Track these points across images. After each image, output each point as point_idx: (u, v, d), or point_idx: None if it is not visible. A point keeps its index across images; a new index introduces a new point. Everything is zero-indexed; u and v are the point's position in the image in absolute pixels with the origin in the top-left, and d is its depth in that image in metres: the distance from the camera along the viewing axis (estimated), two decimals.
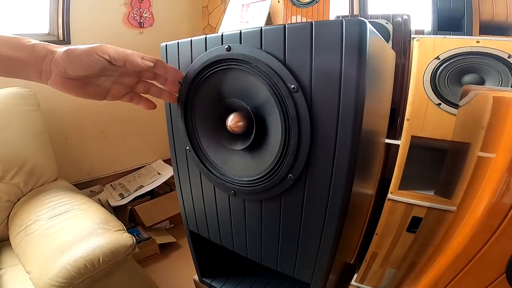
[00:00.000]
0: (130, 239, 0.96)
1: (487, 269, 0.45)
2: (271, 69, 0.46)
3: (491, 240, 0.43)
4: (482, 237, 0.43)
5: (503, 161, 0.40)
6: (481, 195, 0.43)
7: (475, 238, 0.44)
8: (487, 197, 0.41)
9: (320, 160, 0.46)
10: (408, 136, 1.01)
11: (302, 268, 0.59)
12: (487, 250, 0.44)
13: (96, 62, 0.45)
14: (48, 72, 0.46)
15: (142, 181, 1.81)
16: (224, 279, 0.90)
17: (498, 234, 0.42)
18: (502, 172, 0.40)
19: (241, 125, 0.51)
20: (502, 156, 0.40)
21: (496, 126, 0.45)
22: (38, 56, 0.45)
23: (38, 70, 0.45)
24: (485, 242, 0.44)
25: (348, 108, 0.42)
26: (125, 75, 0.52)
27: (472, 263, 0.47)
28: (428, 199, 1.03)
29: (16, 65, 0.44)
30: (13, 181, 1.21)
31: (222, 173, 0.59)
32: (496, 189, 0.40)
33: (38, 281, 0.87)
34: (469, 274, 0.48)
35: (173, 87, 0.56)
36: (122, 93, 0.53)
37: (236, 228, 0.65)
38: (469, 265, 0.47)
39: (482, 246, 0.44)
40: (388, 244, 1.21)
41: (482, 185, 0.43)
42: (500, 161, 0.40)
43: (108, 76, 0.51)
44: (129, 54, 0.47)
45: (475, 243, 0.44)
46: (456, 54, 0.95)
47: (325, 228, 0.50)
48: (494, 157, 0.42)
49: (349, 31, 0.40)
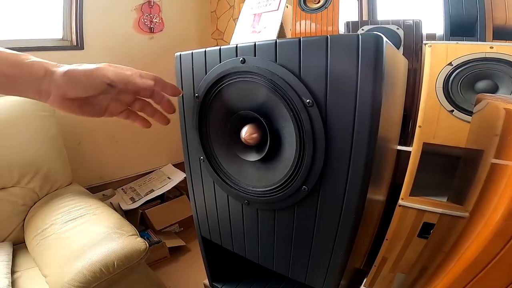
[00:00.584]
0: (143, 244, 0.98)
1: (501, 276, 0.45)
2: (286, 83, 0.46)
3: (506, 247, 0.43)
4: (497, 244, 0.43)
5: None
6: (498, 202, 0.42)
7: (490, 245, 0.44)
8: (504, 205, 0.41)
9: (334, 173, 0.46)
10: (420, 142, 1.00)
11: (313, 275, 0.59)
12: (501, 257, 0.44)
13: (96, 85, 0.45)
14: (47, 92, 0.45)
15: (153, 185, 1.82)
16: (234, 284, 0.91)
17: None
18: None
19: (255, 137, 0.52)
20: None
21: (510, 135, 0.45)
22: (36, 76, 0.43)
23: (37, 89, 0.44)
24: (500, 249, 0.43)
25: (363, 124, 0.42)
26: (123, 92, 0.52)
27: (486, 269, 0.46)
28: (440, 205, 1.02)
29: (14, 82, 0.43)
30: (29, 186, 1.24)
31: (236, 183, 0.60)
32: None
33: (54, 284, 0.89)
34: (482, 280, 0.48)
35: (168, 108, 0.55)
36: (119, 110, 0.53)
37: (248, 235, 0.66)
38: (483, 271, 0.47)
39: (497, 253, 0.44)
40: (398, 250, 1.20)
41: (499, 193, 0.43)
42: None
43: (106, 94, 0.50)
44: (129, 76, 0.47)
45: (490, 250, 0.44)
46: (469, 60, 0.94)
47: (338, 238, 0.50)
48: (511, 165, 0.42)
49: (365, 46, 0.40)
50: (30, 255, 1.10)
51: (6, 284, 0.89)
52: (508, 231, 0.42)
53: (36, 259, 1.05)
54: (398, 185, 1.10)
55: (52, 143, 1.31)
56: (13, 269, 1.01)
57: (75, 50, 1.54)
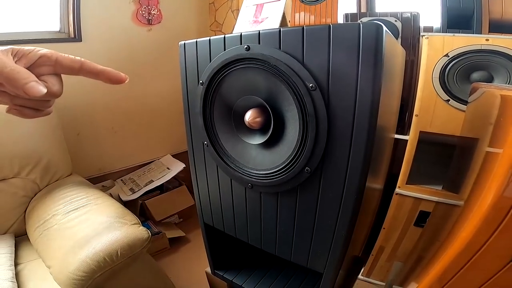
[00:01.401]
0: (146, 232, 0.99)
1: (494, 259, 0.47)
2: (290, 68, 0.48)
3: (497, 232, 0.45)
4: (488, 229, 0.45)
5: (510, 156, 0.41)
6: (487, 190, 0.44)
7: (482, 229, 0.46)
8: (492, 193, 0.43)
9: (336, 154, 0.48)
10: (417, 131, 1.03)
11: (315, 258, 0.61)
12: (493, 241, 0.46)
13: None
14: None
15: (152, 176, 1.83)
16: (235, 272, 0.93)
17: (504, 226, 0.44)
18: (509, 167, 0.41)
19: (259, 121, 0.53)
20: (509, 151, 0.42)
21: (504, 122, 0.47)
22: None
23: None
24: (492, 233, 0.45)
25: (364, 107, 0.44)
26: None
27: (479, 253, 0.48)
28: (436, 194, 1.05)
29: None
30: (30, 177, 1.24)
31: (239, 166, 0.61)
32: (502, 183, 0.42)
33: (59, 275, 0.89)
34: (476, 264, 0.50)
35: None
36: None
37: (251, 220, 0.68)
38: (476, 255, 0.49)
39: (488, 237, 0.46)
40: (395, 238, 1.23)
41: (489, 179, 0.44)
42: (507, 155, 0.42)
43: None
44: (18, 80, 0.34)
45: (482, 234, 0.46)
46: (465, 51, 0.96)
47: (340, 219, 0.52)
48: (501, 152, 0.44)
49: (366, 34, 0.42)
50: (33, 247, 1.10)
51: (10, 276, 0.89)
52: (496, 219, 0.44)
53: (39, 250, 1.06)
54: (395, 175, 1.13)
55: (52, 134, 1.31)
56: (16, 261, 1.02)
57: (73, 42, 1.54)
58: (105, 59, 1.62)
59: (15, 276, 0.91)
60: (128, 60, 1.73)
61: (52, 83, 0.35)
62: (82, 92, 1.58)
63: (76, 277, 0.85)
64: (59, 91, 0.37)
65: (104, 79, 0.38)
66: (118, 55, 1.68)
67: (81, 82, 1.53)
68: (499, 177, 0.42)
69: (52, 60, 0.35)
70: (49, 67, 0.35)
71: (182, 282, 1.41)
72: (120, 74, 0.39)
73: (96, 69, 0.37)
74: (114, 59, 1.67)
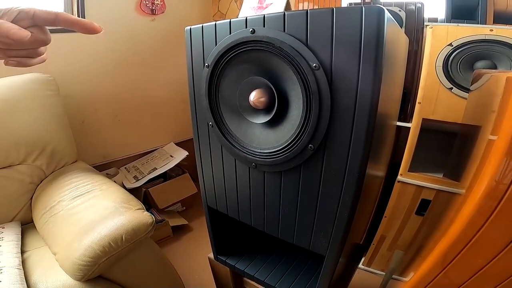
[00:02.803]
0: (150, 217, 0.99)
1: (484, 252, 0.48)
2: (294, 49, 0.50)
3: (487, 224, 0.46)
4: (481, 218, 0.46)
5: (504, 143, 0.42)
6: (481, 179, 0.45)
7: (472, 222, 0.47)
8: (485, 182, 0.44)
9: (339, 131, 0.50)
10: (419, 118, 1.04)
11: (317, 240, 0.63)
12: (486, 230, 0.46)
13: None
14: None
15: (155, 163, 1.84)
16: (238, 257, 0.94)
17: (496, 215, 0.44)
18: (502, 154, 0.42)
19: (263, 101, 0.55)
20: (503, 138, 0.42)
21: (503, 107, 0.47)
22: None
23: None
24: (481, 226, 0.46)
25: (366, 84, 0.45)
26: None
27: (469, 246, 0.49)
28: (437, 182, 1.06)
29: None
30: (36, 163, 1.26)
31: (243, 146, 0.63)
32: (496, 170, 0.42)
33: (65, 261, 0.90)
34: (466, 256, 0.51)
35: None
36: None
37: (254, 202, 0.69)
38: (465, 248, 0.50)
39: (477, 230, 0.47)
40: (397, 227, 1.24)
41: (485, 167, 0.45)
42: (502, 142, 0.42)
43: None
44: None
45: (472, 227, 0.47)
46: (469, 41, 0.97)
47: (342, 198, 0.54)
48: (496, 140, 0.44)
49: (368, 17, 0.43)
50: (39, 235, 1.11)
51: (17, 263, 0.90)
52: (488, 208, 0.45)
53: (45, 237, 1.06)
54: (398, 165, 1.13)
55: (58, 121, 1.32)
56: (22, 249, 1.02)
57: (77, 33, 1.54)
58: (109, 49, 1.63)
59: (21, 263, 0.92)
60: (132, 50, 1.74)
61: (37, 33, 0.40)
62: (86, 81, 1.59)
63: (82, 263, 0.85)
64: (46, 39, 0.42)
65: (79, 28, 0.41)
66: (122, 45, 1.69)
67: (86, 71, 1.55)
68: (493, 164, 0.43)
69: (30, 14, 0.39)
70: (28, 20, 0.40)
71: (185, 269, 1.42)
72: (94, 24, 0.42)
73: (71, 19, 0.41)
74: (118, 49, 1.68)
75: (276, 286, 0.83)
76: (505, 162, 0.41)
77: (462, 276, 0.53)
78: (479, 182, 0.46)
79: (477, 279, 0.52)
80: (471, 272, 0.52)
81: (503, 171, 0.42)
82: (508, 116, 0.42)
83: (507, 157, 0.41)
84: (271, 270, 0.89)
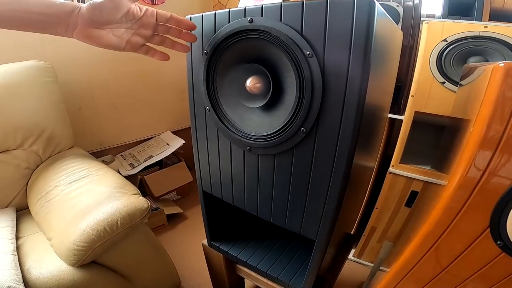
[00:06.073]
0: (145, 202, 1.01)
1: (472, 224, 0.50)
2: (289, 38, 0.52)
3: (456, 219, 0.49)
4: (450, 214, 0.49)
5: (478, 135, 0.44)
6: (455, 171, 0.48)
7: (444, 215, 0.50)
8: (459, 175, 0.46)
9: (330, 115, 0.53)
10: (412, 111, 1.06)
11: (308, 225, 0.65)
12: (454, 227, 0.50)
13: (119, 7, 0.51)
14: (74, 24, 0.51)
15: (152, 151, 1.86)
16: (231, 244, 0.97)
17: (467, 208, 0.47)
18: (477, 144, 0.44)
19: (259, 87, 0.58)
20: (477, 129, 0.44)
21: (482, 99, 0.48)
22: (66, 11, 0.50)
23: (66, 23, 0.50)
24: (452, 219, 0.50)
25: (356, 71, 0.48)
26: (143, 27, 0.57)
27: (441, 239, 0.52)
28: (425, 173, 1.09)
29: (45, 20, 0.49)
30: (32, 148, 1.27)
31: (239, 129, 0.65)
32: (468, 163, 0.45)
33: (59, 246, 0.91)
34: (438, 249, 0.54)
35: (188, 37, 0.61)
36: (140, 44, 0.59)
37: (248, 185, 0.72)
38: (438, 241, 0.53)
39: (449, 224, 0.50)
40: (387, 219, 1.27)
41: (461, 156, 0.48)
42: (475, 134, 0.45)
43: (128, 29, 0.56)
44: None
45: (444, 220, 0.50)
46: (463, 37, 0.99)
47: (332, 182, 0.57)
48: (471, 131, 0.46)
49: (359, 9, 0.46)
50: (34, 221, 1.12)
51: (12, 249, 0.90)
52: (459, 201, 0.48)
53: (40, 222, 1.07)
54: (391, 157, 1.16)
55: (55, 108, 1.33)
56: (17, 235, 1.02)
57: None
58: None
59: (16, 249, 0.92)
60: None
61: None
62: (84, 68, 1.59)
63: (77, 248, 0.86)
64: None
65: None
66: None
67: (84, 59, 1.55)
68: (467, 155, 0.46)
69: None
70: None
71: (179, 258, 1.45)
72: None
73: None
74: None
75: (267, 272, 0.85)
76: (479, 153, 0.44)
77: (442, 263, 0.55)
78: (454, 172, 0.48)
79: (457, 265, 0.54)
80: (451, 258, 0.54)
81: (477, 161, 0.44)
82: (482, 108, 0.44)
83: (481, 148, 0.43)
84: (263, 257, 0.91)
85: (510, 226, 0.46)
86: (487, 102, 0.42)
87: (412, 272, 0.59)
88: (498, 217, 0.46)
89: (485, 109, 0.43)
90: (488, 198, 0.46)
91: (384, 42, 0.58)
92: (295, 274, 0.84)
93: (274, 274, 0.84)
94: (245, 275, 0.97)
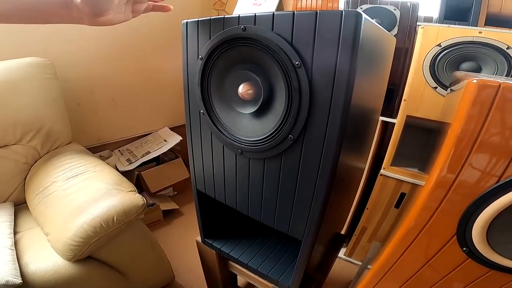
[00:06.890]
0: (141, 199, 1.02)
1: (442, 229, 0.52)
2: (279, 48, 0.54)
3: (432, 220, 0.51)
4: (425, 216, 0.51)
5: (452, 138, 0.46)
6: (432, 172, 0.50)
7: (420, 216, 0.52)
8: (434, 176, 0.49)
9: (316, 124, 0.55)
10: (404, 115, 1.08)
11: (295, 225, 0.68)
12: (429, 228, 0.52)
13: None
14: (80, 19, 0.52)
15: (149, 147, 1.87)
16: (224, 241, 0.99)
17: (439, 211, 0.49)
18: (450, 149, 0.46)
19: (251, 93, 0.60)
20: (452, 132, 0.46)
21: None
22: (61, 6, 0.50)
23: (70, 17, 0.52)
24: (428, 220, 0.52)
25: (341, 83, 0.50)
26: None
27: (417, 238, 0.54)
28: (412, 175, 1.11)
29: (47, 17, 0.51)
30: (31, 143, 1.28)
31: (231, 133, 0.68)
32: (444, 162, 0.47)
33: (56, 241, 0.93)
34: (413, 250, 0.56)
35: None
36: (143, 7, 0.60)
37: (240, 186, 0.74)
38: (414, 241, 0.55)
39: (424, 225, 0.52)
40: (377, 220, 1.30)
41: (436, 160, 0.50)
42: (451, 136, 0.47)
43: (127, 3, 0.57)
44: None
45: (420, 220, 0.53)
46: (457, 42, 1.00)
47: (317, 185, 0.59)
48: (448, 134, 0.49)
49: (347, 21, 0.48)
50: (31, 216, 1.13)
51: (10, 244, 0.92)
52: (434, 201, 0.50)
53: (37, 218, 1.09)
54: (383, 159, 1.18)
55: (54, 103, 1.35)
56: (15, 229, 1.04)
57: None
58: (107, 34, 1.64)
59: (14, 244, 0.94)
60: (131, 35, 1.75)
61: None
62: (83, 65, 1.60)
63: (73, 243, 0.88)
64: None
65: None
66: (120, 33, 1.70)
67: (84, 55, 1.56)
68: (442, 156, 0.48)
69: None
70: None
71: (174, 254, 1.47)
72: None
73: None
74: (119, 35, 1.69)
75: (258, 269, 0.88)
76: (454, 154, 0.46)
77: (417, 263, 0.58)
78: (431, 174, 0.51)
79: (429, 267, 0.57)
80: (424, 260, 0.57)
81: (452, 162, 0.46)
82: (457, 113, 0.46)
83: (456, 149, 0.46)
84: (254, 254, 0.94)
85: (476, 234, 0.48)
86: (459, 117, 0.45)
87: (392, 270, 0.62)
88: (465, 224, 0.48)
89: (456, 123, 0.46)
90: (456, 205, 0.48)
91: (373, 50, 0.60)
92: (284, 272, 0.86)
93: (264, 271, 0.87)
94: (237, 272, 0.99)
